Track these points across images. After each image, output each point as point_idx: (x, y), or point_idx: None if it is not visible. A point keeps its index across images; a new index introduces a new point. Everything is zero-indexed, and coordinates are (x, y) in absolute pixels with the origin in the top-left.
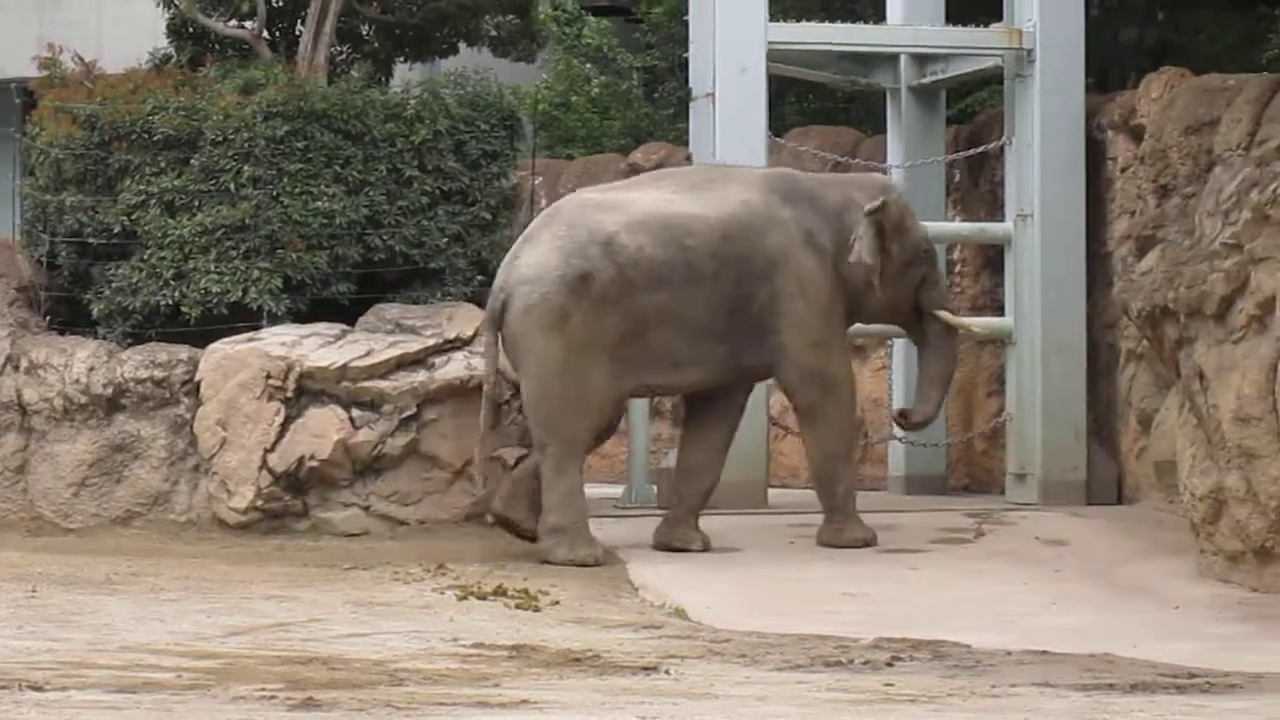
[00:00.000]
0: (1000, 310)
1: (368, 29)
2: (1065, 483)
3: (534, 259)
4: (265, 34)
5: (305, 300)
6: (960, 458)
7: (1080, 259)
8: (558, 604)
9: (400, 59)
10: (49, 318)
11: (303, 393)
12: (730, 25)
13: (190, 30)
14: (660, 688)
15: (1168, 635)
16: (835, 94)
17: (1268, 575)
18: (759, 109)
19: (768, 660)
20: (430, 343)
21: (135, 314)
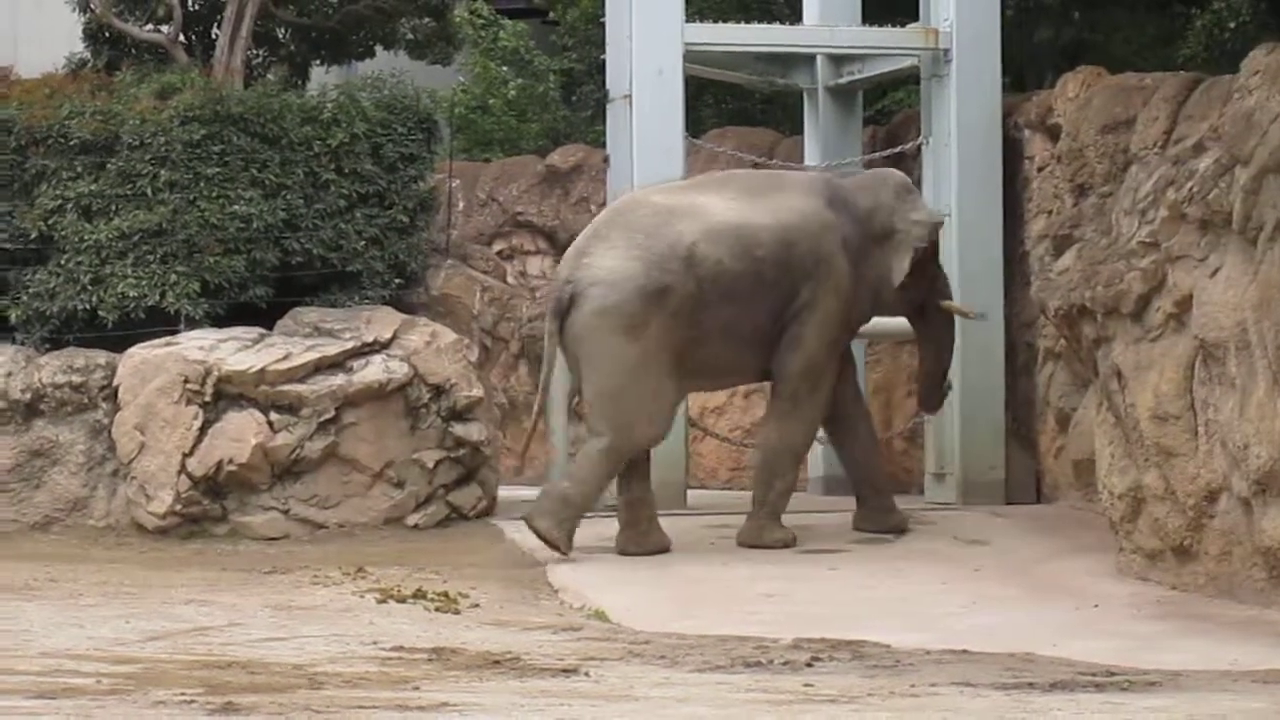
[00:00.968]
0: None
1: (284, 32)
2: (984, 482)
3: (610, 263)
4: (181, 38)
5: (223, 304)
6: None
7: (998, 258)
8: (477, 607)
9: (317, 62)
10: None
11: (221, 397)
12: (647, 27)
13: (107, 35)
14: (580, 690)
15: (1087, 634)
16: (753, 95)
17: (1186, 573)
18: (676, 110)
19: (687, 661)
20: (348, 346)
21: (53, 319)
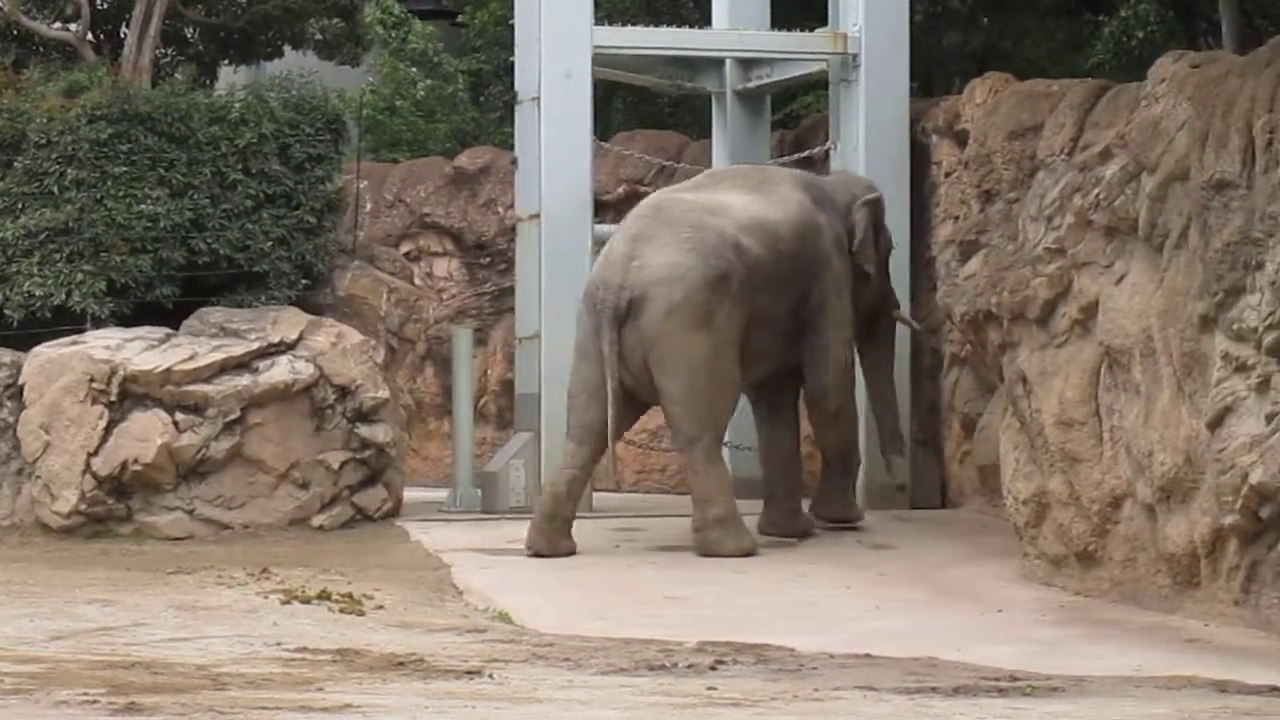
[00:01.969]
0: None
1: (192, 32)
2: (889, 487)
3: (665, 259)
4: (90, 36)
5: (129, 304)
6: None
7: (904, 263)
8: (382, 608)
9: (225, 62)
10: None
11: (126, 396)
12: (555, 29)
13: (14, 33)
14: (484, 691)
15: (990, 638)
16: (661, 98)
17: (1090, 579)
18: (584, 113)
19: (591, 664)
20: (254, 346)
21: None
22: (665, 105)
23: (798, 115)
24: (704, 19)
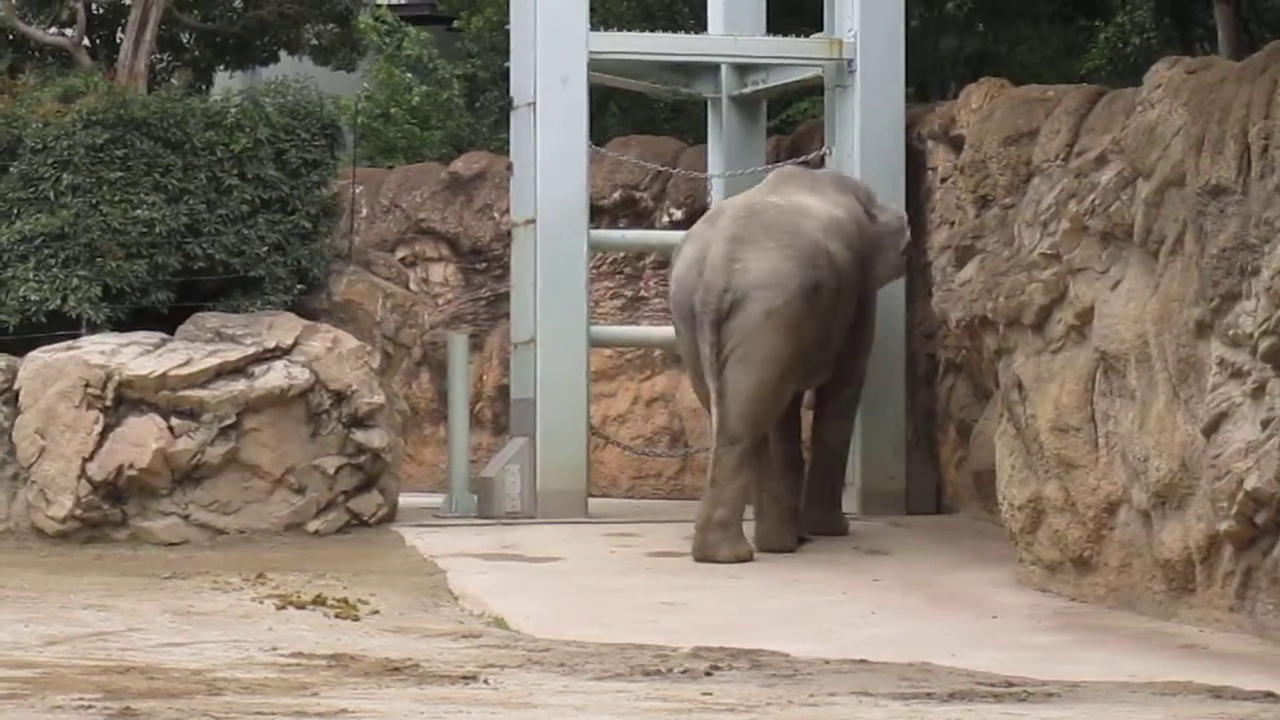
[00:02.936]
0: None
1: (188, 37)
2: (884, 492)
3: (768, 265)
4: (85, 41)
5: (125, 309)
6: None
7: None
8: (377, 613)
9: (221, 67)
10: None
11: (122, 401)
12: (551, 35)
13: (10, 38)
14: (479, 697)
15: (986, 644)
16: (657, 104)
17: (1085, 584)
18: (580, 118)
19: (587, 669)
20: (250, 351)
21: None
22: (661, 111)
23: (793, 121)
24: (699, 24)
